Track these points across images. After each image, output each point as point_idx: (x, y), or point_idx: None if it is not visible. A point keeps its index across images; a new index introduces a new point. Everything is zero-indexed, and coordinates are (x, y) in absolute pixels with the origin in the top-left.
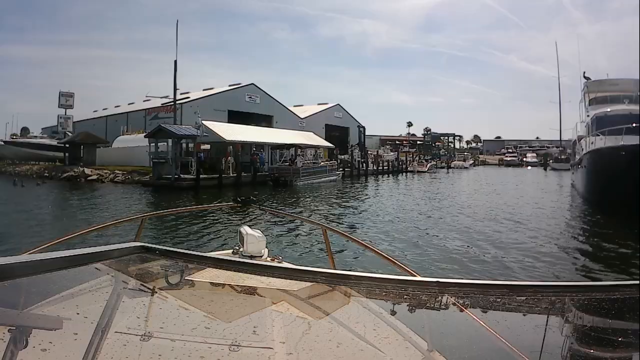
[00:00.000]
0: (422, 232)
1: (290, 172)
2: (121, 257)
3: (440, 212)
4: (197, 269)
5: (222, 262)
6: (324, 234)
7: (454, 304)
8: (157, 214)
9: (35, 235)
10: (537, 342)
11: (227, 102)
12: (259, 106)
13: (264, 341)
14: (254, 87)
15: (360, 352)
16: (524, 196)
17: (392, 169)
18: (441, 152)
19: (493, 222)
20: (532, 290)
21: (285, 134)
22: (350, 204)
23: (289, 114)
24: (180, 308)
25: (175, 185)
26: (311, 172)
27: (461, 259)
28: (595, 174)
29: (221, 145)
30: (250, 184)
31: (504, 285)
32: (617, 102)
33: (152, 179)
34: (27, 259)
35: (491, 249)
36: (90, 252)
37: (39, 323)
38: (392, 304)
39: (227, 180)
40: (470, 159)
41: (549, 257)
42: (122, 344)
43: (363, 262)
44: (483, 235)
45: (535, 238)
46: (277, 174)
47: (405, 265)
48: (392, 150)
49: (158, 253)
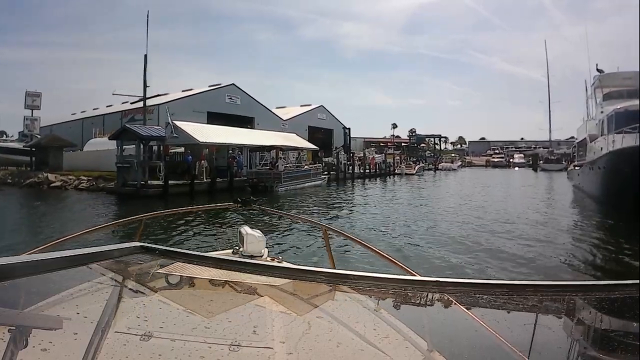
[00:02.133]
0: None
1: (271, 176)
2: (121, 257)
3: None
4: (197, 269)
5: (222, 262)
6: (324, 234)
7: (454, 303)
8: (157, 214)
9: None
10: (538, 341)
11: (206, 103)
12: (239, 107)
13: (264, 341)
14: (235, 87)
15: (360, 352)
16: (534, 197)
17: (380, 171)
18: (427, 154)
19: (516, 241)
20: (532, 290)
21: (265, 136)
22: (339, 215)
23: (271, 115)
24: (180, 308)
25: (141, 193)
26: (294, 177)
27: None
28: (616, 176)
29: (195, 147)
30: (227, 190)
31: (504, 285)
32: (635, 97)
33: (116, 186)
34: (27, 259)
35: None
36: (90, 252)
37: (39, 323)
38: (392, 304)
39: (200, 186)
40: (458, 161)
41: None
42: (122, 344)
43: (363, 262)
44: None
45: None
46: (255, 179)
47: (405, 265)
48: (377, 153)
49: (158, 253)
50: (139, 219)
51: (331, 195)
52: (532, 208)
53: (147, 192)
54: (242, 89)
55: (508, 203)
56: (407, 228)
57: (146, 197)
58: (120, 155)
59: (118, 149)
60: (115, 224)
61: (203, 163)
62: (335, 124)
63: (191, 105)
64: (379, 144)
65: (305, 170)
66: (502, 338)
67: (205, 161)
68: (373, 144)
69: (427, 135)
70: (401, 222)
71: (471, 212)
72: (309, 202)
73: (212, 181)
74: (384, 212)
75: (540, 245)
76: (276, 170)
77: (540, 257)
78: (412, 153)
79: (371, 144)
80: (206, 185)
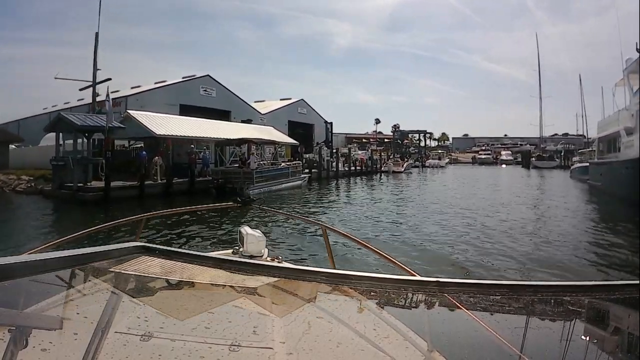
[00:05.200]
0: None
1: (241, 176)
2: (121, 257)
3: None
4: (197, 269)
5: (222, 262)
6: (324, 234)
7: (454, 304)
8: (157, 214)
9: None
10: (537, 342)
11: (179, 96)
12: (215, 100)
13: (264, 341)
14: (210, 79)
15: (360, 352)
16: (553, 199)
17: (365, 169)
18: (411, 150)
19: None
20: (532, 290)
21: (237, 128)
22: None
23: (249, 109)
24: (180, 308)
25: (77, 197)
26: (269, 177)
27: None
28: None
29: (154, 142)
30: (186, 193)
31: (504, 285)
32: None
33: (53, 188)
34: (27, 259)
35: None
36: (90, 252)
37: (39, 323)
38: (392, 304)
39: (152, 188)
40: (446, 158)
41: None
42: (122, 344)
43: (363, 262)
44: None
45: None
46: (222, 180)
47: (405, 265)
48: (360, 149)
49: (158, 253)
50: (139, 219)
51: (312, 201)
52: (578, 226)
53: (83, 196)
54: (217, 81)
55: (543, 216)
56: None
57: (83, 202)
58: (57, 151)
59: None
60: (116, 223)
61: (157, 160)
62: (316, 119)
63: (162, 97)
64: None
65: (282, 169)
66: (502, 338)
67: (159, 158)
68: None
69: (411, 131)
70: (428, 256)
71: (524, 236)
72: (284, 209)
73: (167, 182)
74: (394, 233)
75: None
76: (247, 168)
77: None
78: (395, 149)
79: (353, 140)
80: (160, 187)
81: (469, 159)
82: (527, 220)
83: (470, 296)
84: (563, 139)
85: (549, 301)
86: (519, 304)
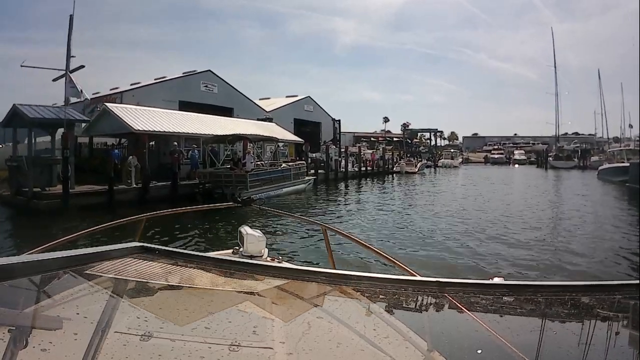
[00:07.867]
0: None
1: (232, 180)
2: (121, 257)
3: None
4: (197, 269)
5: (222, 262)
6: (324, 234)
7: (454, 304)
8: (157, 214)
9: None
10: (537, 342)
11: (179, 92)
12: (216, 97)
13: (264, 341)
14: (211, 74)
15: (360, 352)
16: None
17: (377, 169)
18: (421, 149)
19: None
20: (532, 290)
21: (234, 124)
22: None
23: (253, 106)
24: (180, 308)
25: (32, 205)
26: (266, 179)
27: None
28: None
29: (134, 138)
30: (167, 199)
31: (504, 285)
32: None
33: (11, 194)
34: (27, 259)
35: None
36: (90, 252)
37: (39, 323)
38: (392, 304)
39: (125, 195)
40: (459, 157)
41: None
42: (122, 344)
43: (363, 262)
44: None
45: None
46: (209, 184)
47: (405, 265)
48: (369, 148)
49: (158, 253)
50: (139, 219)
51: (318, 213)
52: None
53: (37, 204)
54: (219, 76)
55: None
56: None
57: (37, 211)
58: (14, 150)
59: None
60: (116, 223)
61: (131, 160)
62: (323, 117)
63: (161, 93)
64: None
65: (282, 171)
66: (502, 338)
67: (134, 157)
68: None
69: (421, 130)
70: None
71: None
72: (278, 229)
73: (143, 187)
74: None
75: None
76: (240, 170)
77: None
78: (405, 148)
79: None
80: (134, 193)
81: (480, 158)
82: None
83: (470, 296)
84: (576, 138)
85: (549, 301)
86: (519, 304)
